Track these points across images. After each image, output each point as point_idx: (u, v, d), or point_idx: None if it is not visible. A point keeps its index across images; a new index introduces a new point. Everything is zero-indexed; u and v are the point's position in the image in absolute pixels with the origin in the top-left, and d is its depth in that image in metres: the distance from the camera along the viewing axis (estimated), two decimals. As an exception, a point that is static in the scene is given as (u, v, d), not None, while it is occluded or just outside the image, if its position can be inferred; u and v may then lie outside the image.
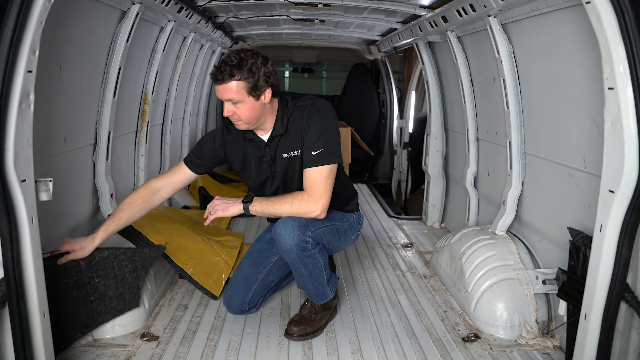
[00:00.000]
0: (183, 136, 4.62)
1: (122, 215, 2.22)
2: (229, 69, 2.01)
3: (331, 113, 2.22)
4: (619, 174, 1.61)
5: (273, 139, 2.23)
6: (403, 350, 2.27)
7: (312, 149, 2.14)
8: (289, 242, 2.13)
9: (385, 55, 6.10)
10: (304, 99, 2.25)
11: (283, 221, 2.16)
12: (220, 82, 2.04)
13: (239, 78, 2.02)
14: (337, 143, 2.19)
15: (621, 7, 1.53)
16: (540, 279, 2.45)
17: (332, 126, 2.19)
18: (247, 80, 2.03)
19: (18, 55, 1.49)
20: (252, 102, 2.08)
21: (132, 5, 2.63)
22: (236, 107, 2.08)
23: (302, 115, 2.19)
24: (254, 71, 2.03)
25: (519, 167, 2.74)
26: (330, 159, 2.14)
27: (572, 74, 2.21)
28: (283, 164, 2.27)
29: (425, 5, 3.44)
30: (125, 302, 2.28)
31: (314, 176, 2.14)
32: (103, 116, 2.65)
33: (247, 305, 2.48)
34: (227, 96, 2.05)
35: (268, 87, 2.09)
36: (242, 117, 2.10)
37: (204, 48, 4.56)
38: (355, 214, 2.50)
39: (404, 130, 5.95)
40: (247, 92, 2.05)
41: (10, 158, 1.50)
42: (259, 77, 2.04)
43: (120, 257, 2.24)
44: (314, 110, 2.18)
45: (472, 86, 3.43)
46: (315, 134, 2.15)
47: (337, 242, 2.36)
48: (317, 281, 2.31)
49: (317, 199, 2.13)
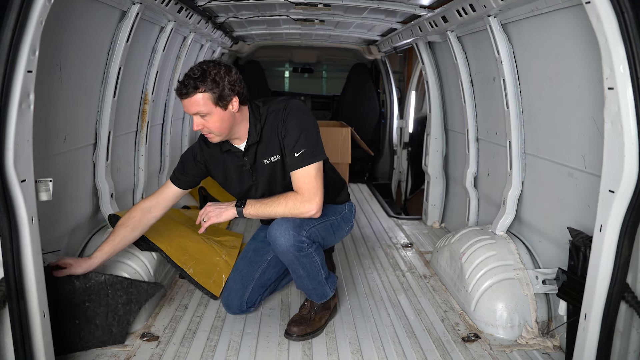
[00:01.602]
0: (183, 136, 4.62)
1: (115, 236, 2.22)
2: (193, 82, 1.98)
3: (305, 111, 2.20)
4: (619, 174, 1.61)
5: (250, 147, 2.21)
6: (403, 350, 2.27)
7: (294, 151, 2.13)
8: (284, 243, 2.12)
9: (385, 55, 6.10)
10: (276, 102, 2.21)
11: (277, 223, 2.16)
12: (185, 97, 2.01)
13: (203, 90, 1.99)
14: (317, 140, 2.17)
15: (621, 7, 1.53)
16: (540, 279, 2.45)
17: (309, 123, 2.17)
18: (212, 91, 2.00)
19: (18, 55, 1.49)
20: (221, 113, 2.04)
21: (132, 5, 2.63)
22: (205, 119, 2.05)
23: (276, 119, 2.17)
24: (218, 81, 2.00)
25: (519, 167, 2.74)
26: (314, 157, 2.14)
27: (572, 74, 2.21)
28: (265, 170, 2.25)
29: (425, 5, 3.44)
30: (111, 334, 2.19)
31: (303, 177, 2.13)
32: (103, 116, 2.64)
33: (245, 304, 2.49)
34: (194, 110, 2.02)
35: (234, 95, 2.06)
36: (213, 129, 2.07)
37: (204, 48, 4.56)
38: (347, 204, 2.49)
39: (404, 130, 5.95)
40: (214, 103, 2.02)
41: (10, 158, 1.50)
42: (223, 86, 2.01)
43: (116, 285, 2.18)
44: (287, 112, 2.16)
45: (472, 86, 3.43)
46: (294, 136, 2.13)
47: (332, 236, 2.36)
48: (316, 280, 2.31)
49: (310, 199, 2.13)
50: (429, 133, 4.26)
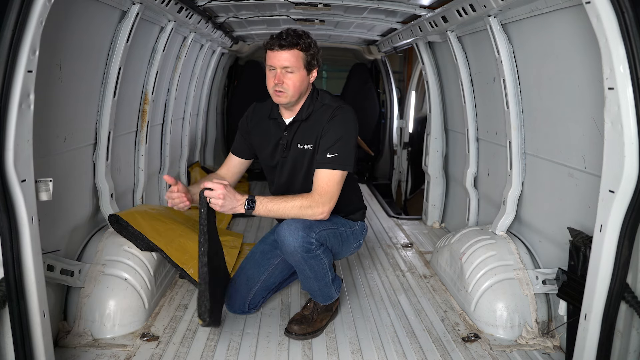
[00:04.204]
0: (183, 136, 4.61)
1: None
2: (293, 39, 2.11)
3: (353, 120, 2.24)
4: (619, 174, 1.61)
5: (294, 123, 2.28)
6: (403, 350, 2.27)
7: (327, 151, 2.17)
8: (293, 243, 2.13)
9: (385, 55, 6.10)
10: (334, 99, 2.29)
11: (287, 223, 2.16)
12: (282, 48, 2.11)
13: (300, 48, 2.14)
14: (351, 151, 2.21)
15: (621, 7, 1.53)
16: (540, 279, 2.45)
17: (351, 134, 2.21)
18: (306, 52, 2.15)
19: (18, 55, 1.49)
20: (303, 75, 2.18)
21: (132, 5, 2.63)
22: (288, 76, 2.15)
23: (325, 114, 2.23)
24: (312, 47, 2.18)
25: (519, 167, 2.74)
26: (344, 165, 2.17)
27: (572, 74, 2.21)
28: (295, 153, 2.29)
29: (425, 5, 3.44)
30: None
31: (327, 178, 2.16)
32: (103, 116, 2.64)
33: (247, 305, 2.49)
34: (285, 63, 2.13)
35: (317, 66, 2.23)
36: (291, 87, 2.16)
37: (204, 48, 4.56)
38: (359, 223, 2.49)
39: (404, 130, 5.95)
40: (303, 64, 2.16)
41: (10, 158, 1.50)
42: (314, 53, 2.19)
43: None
44: (337, 114, 2.21)
45: (472, 86, 3.43)
46: (332, 138, 2.18)
47: (339, 247, 2.36)
48: (323, 282, 2.31)
49: (325, 202, 2.14)
50: (429, 133, 4.26)
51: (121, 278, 2.39)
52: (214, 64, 5.26)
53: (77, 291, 2.32)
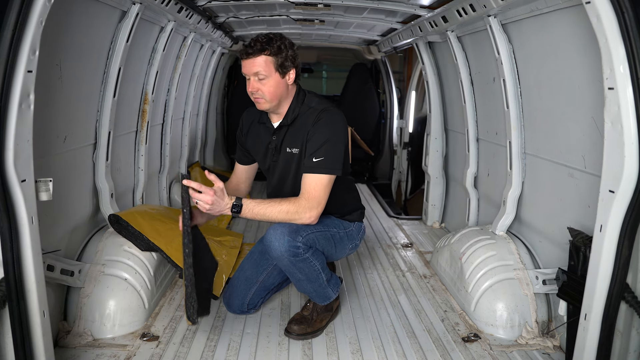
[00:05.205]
0: (183, 136, 4.61)
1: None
2: (260, 44, 2.11)
3: (340, 122, 2.22)
4: (619, 174, 1.61)
5: (281, 127, 2.28)
6: (403, 350, 2.27)
7: (314, 155, 2.15)
8: (279, 248, 2.11)
9: (385, 55, 6.10)
10: (320, 102, 2.27)
11: (273, 228, 2.16)
12: (249, 56, 2.12)
13: (268, 53, 2.12)
14: (339, 154, 2.19)
15: (621, 7, 1.53)
16: (540, 279, 2.45)
17: (338, 136, 2.20)
18: (275, 57, 2.13)
19: (18, 55, 1.49)
20: (278, 79, 2.16)
21: (132, 5, 2.63)
22: (262, 82, 2.14)
23: (310, 117, 2.21)
24: (282, 49, 2.14)
25: (519, 167, 2.74)
26: (330, 169, 2.15)
27: (572, 74, 2.21)
28: (284, 157, 2.30)
29: (425, 5, 3.44)
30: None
31: (314, 183, 2.14)
32: (103, 116, 2.64)
33: (246, 305, 2.49)
34: (255, 69, 2.13)
35: (293, 67, 2.19)
36: (266, 93, 2.15)
37: (204, 48, 4.56)
38: (356, 224, 2.47)
39: (404, 130, 5.95)
40: (275, 68, 2.14)
41: (10, 158, 1.50)
42: (286, 56, 2.15)
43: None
44: (322, 117, 2.19)
45: (472, 86, 3.43)
46: (318, 141, 2.16)
47: (332, 248, 2.33)
48: (316, 283, 2.30)
49: (313, 206, 2.13)
50: (429, 133, 4.26)
51: (121, 278, 2.39)
52: (214, 64, 5.26)
53: (77, 291, 2.32)
